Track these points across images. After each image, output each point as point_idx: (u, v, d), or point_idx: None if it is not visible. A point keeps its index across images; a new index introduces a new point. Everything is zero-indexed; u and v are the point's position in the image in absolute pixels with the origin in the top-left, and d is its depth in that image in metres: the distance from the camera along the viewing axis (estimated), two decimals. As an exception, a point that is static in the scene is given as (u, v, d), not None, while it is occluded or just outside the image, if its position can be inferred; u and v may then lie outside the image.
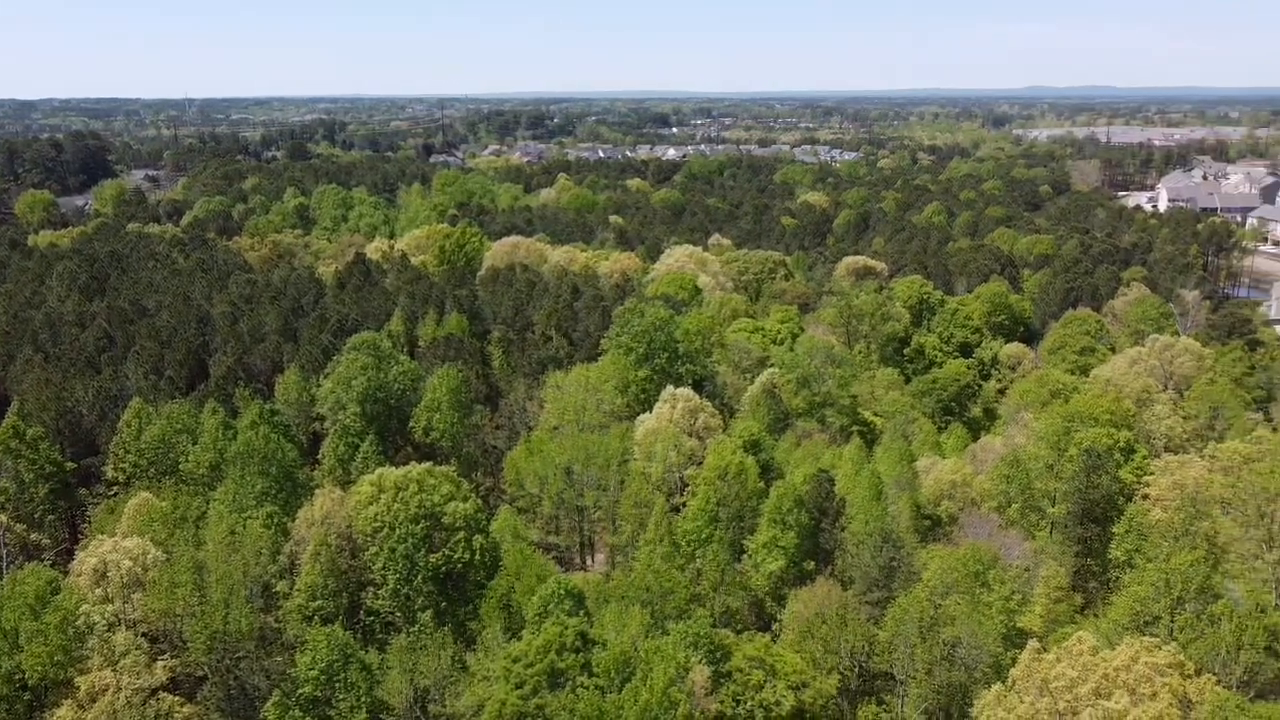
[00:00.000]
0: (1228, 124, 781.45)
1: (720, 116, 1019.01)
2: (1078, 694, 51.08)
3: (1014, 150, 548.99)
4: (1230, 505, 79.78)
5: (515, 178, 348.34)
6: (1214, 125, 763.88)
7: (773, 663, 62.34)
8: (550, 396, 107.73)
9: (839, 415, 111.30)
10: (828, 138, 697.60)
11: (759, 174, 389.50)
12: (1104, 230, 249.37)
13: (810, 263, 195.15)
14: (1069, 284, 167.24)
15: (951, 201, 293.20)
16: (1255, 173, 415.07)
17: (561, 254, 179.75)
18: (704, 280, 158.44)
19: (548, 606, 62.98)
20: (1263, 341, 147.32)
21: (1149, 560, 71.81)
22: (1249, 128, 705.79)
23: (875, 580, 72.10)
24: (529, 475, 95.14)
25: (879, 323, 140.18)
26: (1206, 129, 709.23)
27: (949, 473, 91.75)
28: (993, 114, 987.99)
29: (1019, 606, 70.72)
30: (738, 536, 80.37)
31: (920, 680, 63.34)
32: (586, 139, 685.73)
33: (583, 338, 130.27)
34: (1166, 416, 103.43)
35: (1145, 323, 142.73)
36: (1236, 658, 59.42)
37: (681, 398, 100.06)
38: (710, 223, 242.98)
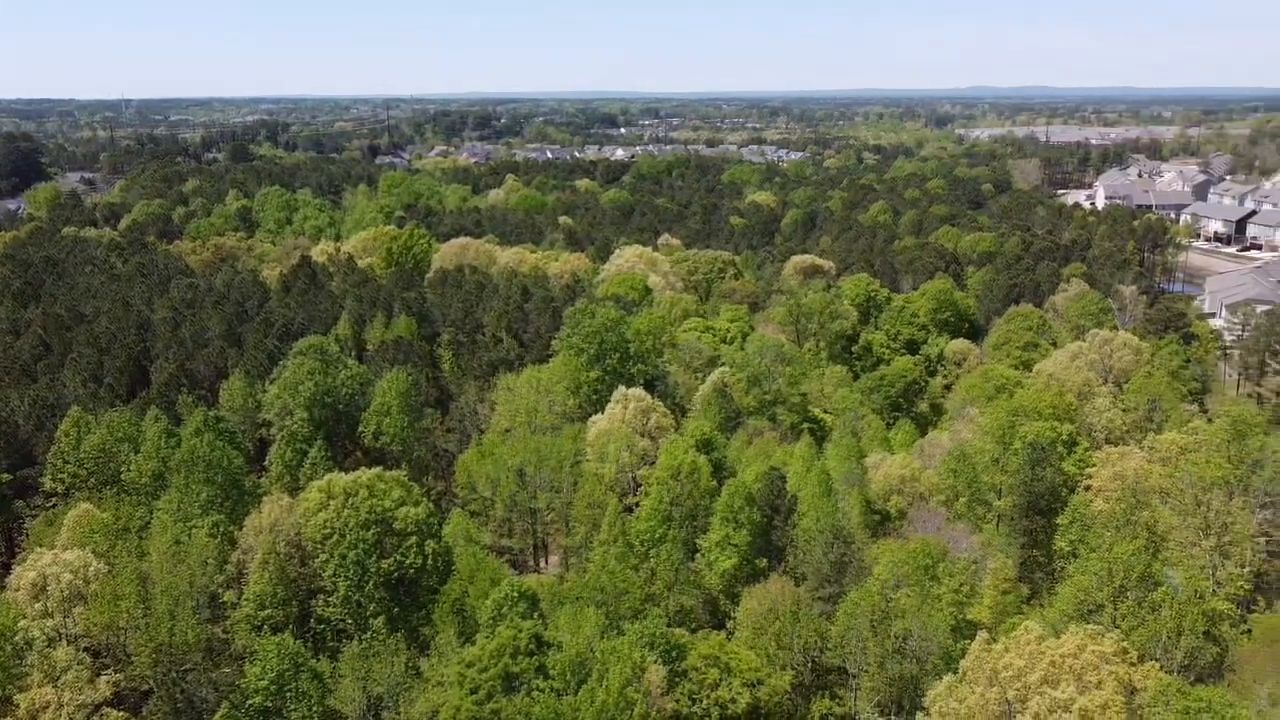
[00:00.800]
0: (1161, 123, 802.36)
1: (668, 117, 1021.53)
2: (1026, 683, 52.08)
3: (957, 149, 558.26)
4: (1168, 495, 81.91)
5: (463, 179, 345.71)
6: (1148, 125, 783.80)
7: (728, 660, 62.66)
8: (501, 398, 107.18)
9: (789, 413, 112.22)
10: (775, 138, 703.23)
11: (707, 174, 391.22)
12: (1044, 228, 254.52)
13: (759, 262, 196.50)
14: (1011, 280, 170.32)
15: (897, 200, 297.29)
16: (1187, 171, 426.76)
17: (511, 255, 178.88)
18: (654, 280, 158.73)
19: (501, 610, 62.66)
20: (1197, 335, 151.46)
21: (1092, 550, 73.41)
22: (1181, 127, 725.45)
23: (827, 576, 72.81)
24: (481, 478, 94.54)
25: (827, 321, 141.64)
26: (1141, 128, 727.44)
27: (898, 468, 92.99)
28: (936, 114, 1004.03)
29: (968, 598, 71.93)
30: (691, 535, 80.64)
31: (872, 673, 64.11)
32: (534, 140, 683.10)
33: (533, 339, 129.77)
34: (1107, 409, 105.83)
35: (1085, 318, 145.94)
36: (1177, 643, 61.04)
37: (633, 398, 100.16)
38: (659, 223, 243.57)
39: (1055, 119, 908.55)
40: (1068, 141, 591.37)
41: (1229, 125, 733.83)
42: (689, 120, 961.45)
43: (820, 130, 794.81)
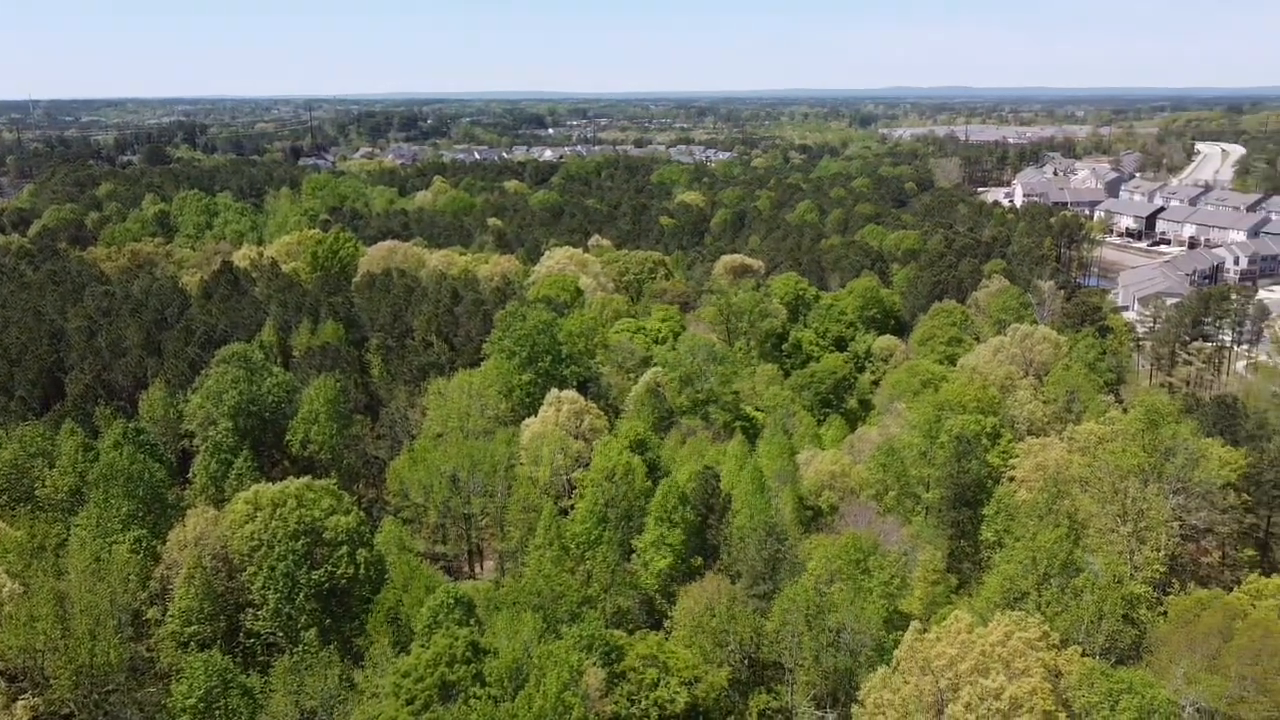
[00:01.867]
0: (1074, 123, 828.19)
1: (596, 117, 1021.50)
2: (958, 672, 53.24)
3: (880, 149, 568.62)
4: (1088, 483, 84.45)
5: (389, 181, 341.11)
6: (1062, 124, 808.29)
7: (665, 660, 62.87)
8: (432, 403, 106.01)
9: (722, 412, 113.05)
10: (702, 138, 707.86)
11: (636, 174, 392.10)
12: (966, 225, 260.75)
13: (689, 262, 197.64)
14: (935, 277, 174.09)
15: (823, 199, 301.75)
16: (1100, 169, 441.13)
17: (440, 258, 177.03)
18: (585, 281, 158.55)
19: (437, 618, 61.95)
20: (1111, 328, 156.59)
21: (1017, 539, 75.26)
22: (1093, 126, 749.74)
23: (761, 573, 73.51)
24: (413, 484, 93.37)
25: (757, 319, 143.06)
26: (1055, 127, 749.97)
27: (828, 464, 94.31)
28: (859, 113, 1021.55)
29: (899, 590, 73.22)
30: (627, 536, 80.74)
31: (808, 667, 64.91)
32: (462, 140, 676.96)
33: (464, 343, 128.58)
34: (1028, 402, 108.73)
35: (1006, 313, 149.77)
36: (1098, 627, 63.01)
37: (566, 400, 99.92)
38: (589, 224, 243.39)
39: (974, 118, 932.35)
40: (986, 140, 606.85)
41: (1138, 124, 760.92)
42: (617, 121, 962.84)
43: (747, 130, 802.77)
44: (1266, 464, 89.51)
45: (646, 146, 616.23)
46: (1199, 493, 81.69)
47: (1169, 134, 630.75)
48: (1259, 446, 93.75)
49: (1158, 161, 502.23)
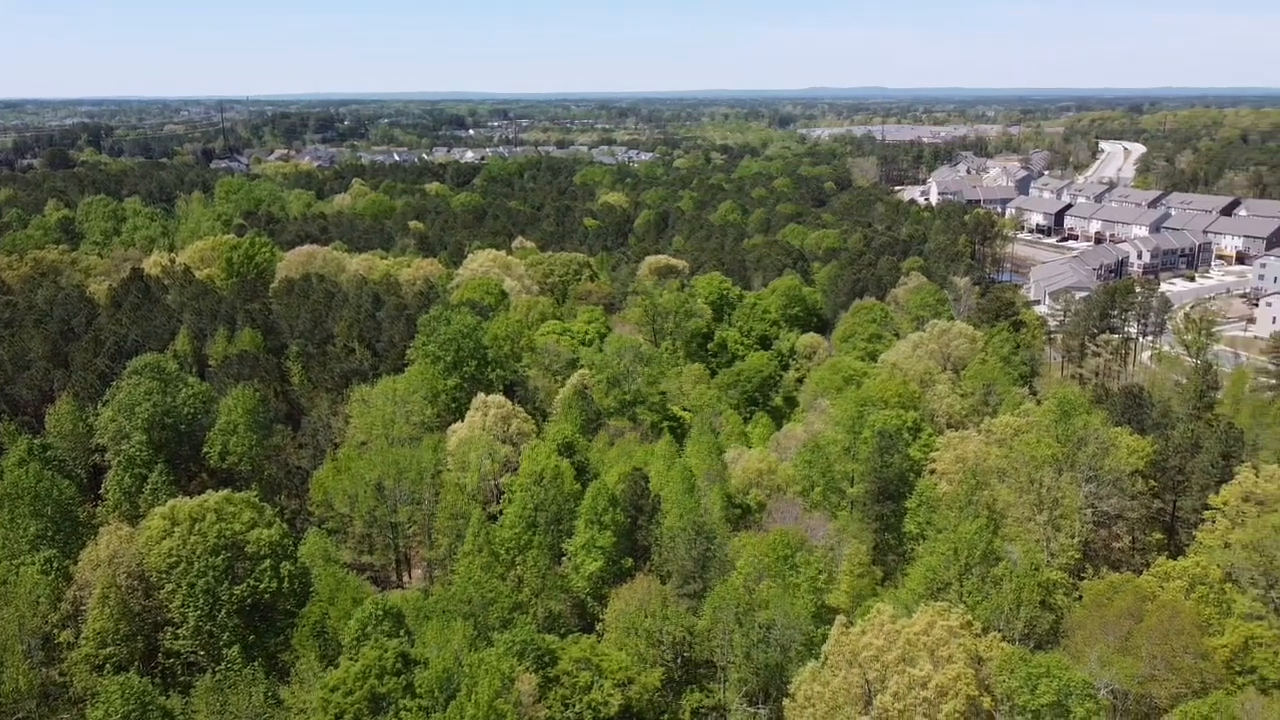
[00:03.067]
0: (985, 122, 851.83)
1: (517, 118, 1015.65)
2: (884, 662, 54.37)
3: (800, 149, 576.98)
4: (1005, 474, 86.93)
5: (306, 183, 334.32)
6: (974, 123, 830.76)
7: (598, 662, 62.89)
8: (356, 411, 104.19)
9: (649, 412, 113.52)
10: (624, 138, 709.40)
11: (559, 175, 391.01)
12: (884, 223, 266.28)
13: (614, 263, 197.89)
14: (855, 275, 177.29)
15: (745, 199, 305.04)
16: (1010, 167, 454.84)
17: (360, 262, 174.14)
18: (509, 284, 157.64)
19: (365, 629, 60.99)
20: (1025, 322, 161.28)
21: (938, 531, 77.15)
22: (1003, 125, 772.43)
23: (691, 572, 74.03)
24: (337, 494, 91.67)
25: (683, 319, 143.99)
26: (968, 127, 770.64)
27: (755, 462, 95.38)
28: (779, 114, 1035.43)
29: (826, 585, 74.47)
30: (557, 540, 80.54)
31: (740, 664, 65.56)
32: (380, 142, 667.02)
33: (387, 348, 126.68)
34: (947, 395, 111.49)
35: (924, 309, 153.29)
36: (1018, 614, 64.94)
37: (493, 404, 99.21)
38: (513, 226, 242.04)
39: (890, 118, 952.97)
40: (902, 140, 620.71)
41: (1046, 123, 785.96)
42: (538, 122, 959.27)
43: (669, 131, 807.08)
44: (1171, 451, 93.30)
45: (569, 147, 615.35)
46: (1109, 480, 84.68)
47: (1075, 133, 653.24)
48: (1164, 434, 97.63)
49: (1065, 160, 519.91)
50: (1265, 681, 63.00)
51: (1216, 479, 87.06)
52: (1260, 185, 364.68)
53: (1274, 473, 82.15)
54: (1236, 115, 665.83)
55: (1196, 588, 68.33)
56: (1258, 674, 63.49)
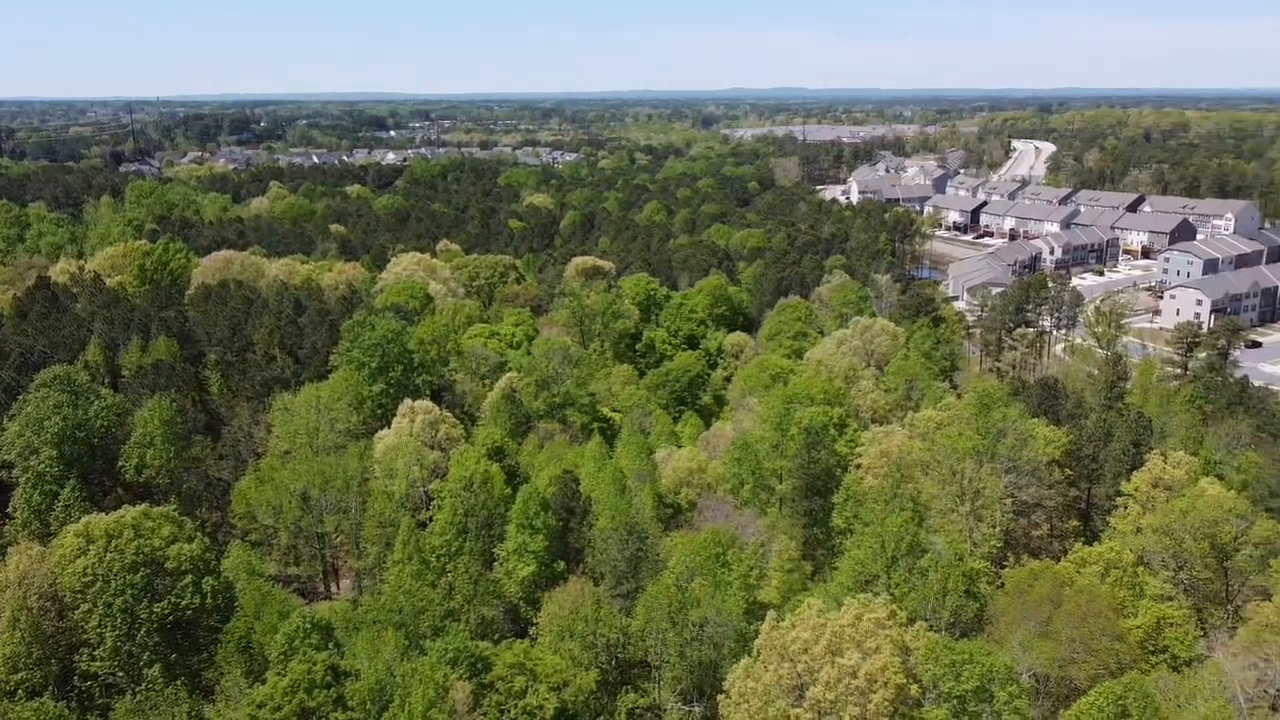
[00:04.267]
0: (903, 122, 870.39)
1: (439, 119, 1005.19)
2: (814, 655, 55.16)
3: (723, 149, 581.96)
4: (928, 467, 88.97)
5: (222, 187, 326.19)
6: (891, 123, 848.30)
7: (533, 667, 62.57)
8: (278, 419, 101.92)
9: (579, 414, 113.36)
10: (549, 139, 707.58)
11: (483, 177, 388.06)
12: (807, 222, 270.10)
13: (540, 265, 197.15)
14: (780, 274, 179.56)
15: (670, 199, 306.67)
16: (927, 166, 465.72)
17: (280, 267, 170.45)
18: (435, 287, 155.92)
19: (293, 643, 59.71)
20: (944, 317, 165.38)
21: (865, 525, 78.66)
22: (920, 125, 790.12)
23: (624, 573, 74.17)
24: (261, 505, 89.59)
25: (611, 320, 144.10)
26: (886, 127, 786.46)
27: (685, 461, 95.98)
28: (702, 114, 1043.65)
29: (757, 581, 75.30)
30: (488, 545, 79.91)
31: (674, 663, 65.91)
32: (298, 144, 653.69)
33: (310, 355, 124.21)
34: (871, 391, 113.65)
35: (847, 306, 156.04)
36: (943, 603, 66.51)
37: (420, 410, 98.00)
38: (437, 228, 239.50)
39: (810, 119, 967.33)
40: (823, 140, 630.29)
41: (960, 123, 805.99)
42: (461, 122, 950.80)
43: (593, 131, 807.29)
44: (1085, 440, 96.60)
45: (492, 148, 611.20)
46: (1028, 470, 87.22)
47: (988, 132, 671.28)
48: (1078, 424, 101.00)
49: (979, 158, 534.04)
50: (1176, 660, 65.67)
51: (1128, 466, 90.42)
52: (1162, 183, 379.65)
53: (1181, 459, 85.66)
54: (1139, 115, 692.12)
55: (1111, 572, 70.87)
56: (1169, 653, 66.15)
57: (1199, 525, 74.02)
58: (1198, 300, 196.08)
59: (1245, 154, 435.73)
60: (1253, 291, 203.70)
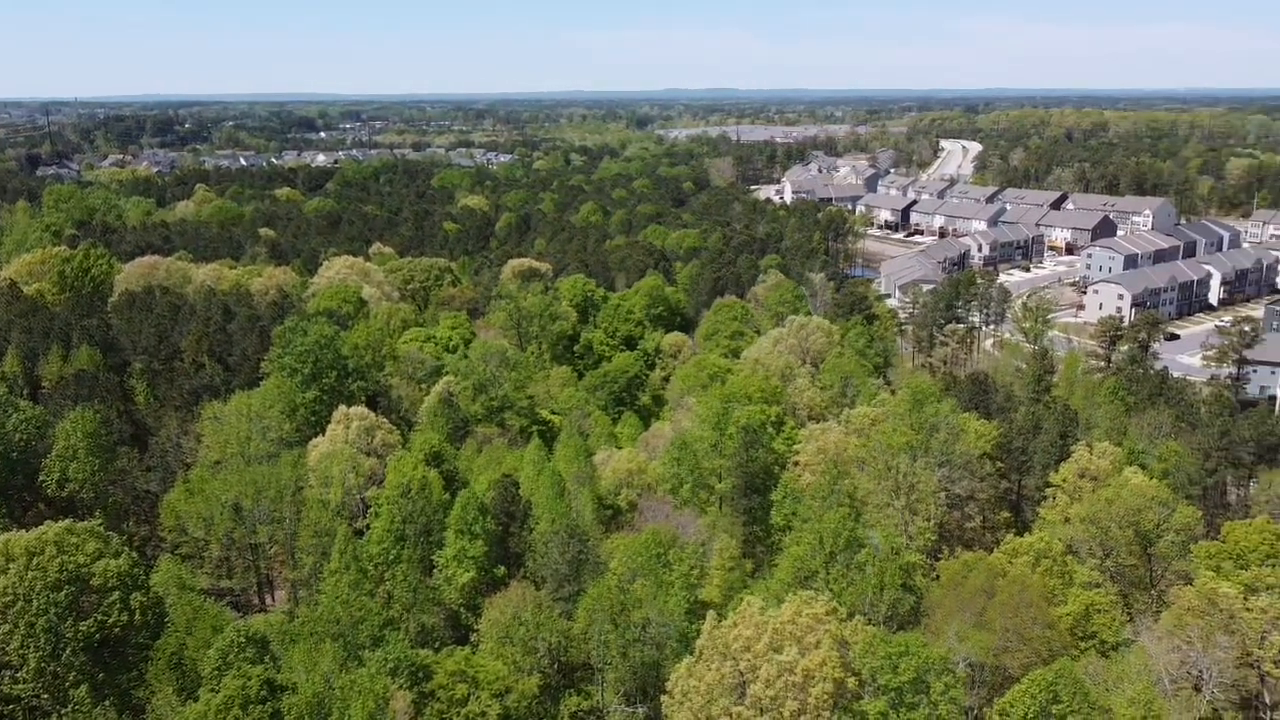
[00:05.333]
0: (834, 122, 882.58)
1: (370, 120, 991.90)
2: (755, 652, 55.63)
3: (658, 149, 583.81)
4: (864, 463, 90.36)
5: (145, 190, 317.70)
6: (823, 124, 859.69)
7: (474, 674, 62.02)
8: (208, 429, 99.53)
9: (517, 417, 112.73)
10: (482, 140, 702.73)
11: (416, 179, 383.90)
12: (742, 222, 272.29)
13: (476, 267, 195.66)
14: (716, 274, 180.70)
15: (606, 200, 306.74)
16: (859, 165, 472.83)
17: (207, 272, 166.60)
18: (368, 291, 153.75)
19: (227, 658, 58.31)
20: (877, 315, 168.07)
21: (804, 521, 79.55)
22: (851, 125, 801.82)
23: (565, 576, 73.93)
24: (191, 518, 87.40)
25: (548, 323, 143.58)
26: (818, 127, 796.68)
27: (625, 462, 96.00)
28: (636, 115, 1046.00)
29: (699, 580, 75.61)
30: (427, 552, 79.04)
31: (617, 665, 65.89)
32: (225, 145, 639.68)
33: (240, 362, 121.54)
34: (807, 389, 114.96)
35: (783, 305, 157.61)
36: (880, 597, 67.59)
37: (355, 416, 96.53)
38: (370, 231, 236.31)
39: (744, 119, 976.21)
40: (756, 140, 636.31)
41: (890, 123, 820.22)
42: (393, 123, 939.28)
43: (527, 132, 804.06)
44: (1014, 433, 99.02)
45: (425, 150, 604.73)
46: (960, 464, 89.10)
47: (917, 132, 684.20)
48: (1008, 418, 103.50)
49: (909, 158, 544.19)
50: (1104, 645, 67.64)
51: (1056, 458, 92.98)
52: (1084, 181, 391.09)
53: (1106, 449, 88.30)
54: (1061, 115, 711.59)
55: (1041, 561, 72.70)
56: (1098, 638, 68.10)
57: (1124, 514, 76.39)
58: (1119, 295, 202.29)
59: (1161, 153, 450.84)
60: (1170, 286, 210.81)
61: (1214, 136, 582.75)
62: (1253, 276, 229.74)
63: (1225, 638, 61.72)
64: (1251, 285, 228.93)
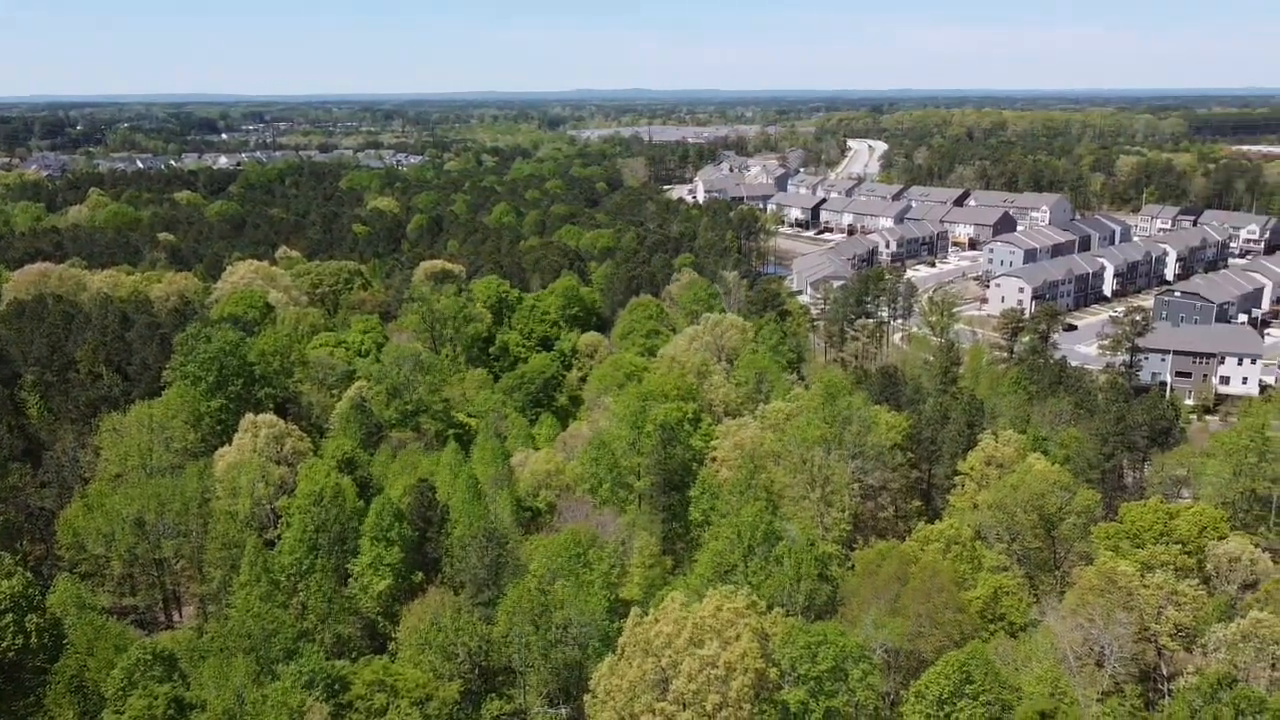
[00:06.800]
0: (745, 123, 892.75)
1: (274, 121, 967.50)
2: (676, 647, 55.87)
3: (571, 150, 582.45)
4: (780, 457, 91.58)
5: (34, 195, 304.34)
6: (734, 124, 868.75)
7: (393, 683, 60.98)
8: (107, 441, 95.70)
9: (433, 421, 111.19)
10: (392, 141, 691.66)
11: (324, 181, 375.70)
12: (655, 222, 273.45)
13: (387, 270, 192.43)
14: (631, 273, 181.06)
15: (519, 201, 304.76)
16: (770, 165, 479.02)
17: (104, 279, 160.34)
18: (275, 296, 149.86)
19: (132, 678, 56.17)
20: (790, 311, 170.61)
21: (722, 516, 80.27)
22: (761, 126, 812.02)
23: (484, 580, 73.17)
24: (90, 534, 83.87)
25: (462, 325, 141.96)
26: (729, 127, 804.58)
27: (543, 463, 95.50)
28: (548, 116, 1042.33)
29: (619, 579, 75.65)
30: (341, 561, 77.39)
31: (538, 667, 65.48)
32: (120, 148, 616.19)
33: (140, 371, 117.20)
34: (722, 386, 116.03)
35: (697, 303, 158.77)
36: (798, 588, 68.58)
37: (264, 424, 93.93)
38: (276, 234, 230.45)
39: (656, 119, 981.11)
40: (668, 140, 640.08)
41: (799, 123, 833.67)
42: (298, 125, 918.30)
43: (438, 133, 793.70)
44: (924, 423, 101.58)
45: (333, 151, 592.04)
46: (873, 455, 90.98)
47: (825, 132, 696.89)
48: (917, 409, 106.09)
49: (818, 157, 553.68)
50: (1013, 626, 69.83)
51: (963, 446, 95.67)
52: (985, 178, 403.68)
53: (1010, 437, 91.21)
54: (962, 115, 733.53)
55: (952, 547, 74.73)
56: (1006, 620, 70.26)
57: (1028, 498, 79.02)
58: (1020, 288, 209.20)
59: (1056, 151, 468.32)
60: (1068, 278, 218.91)
61: (1105, 135, 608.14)
62: (1143, 268, 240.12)
63: (1124, 614, 64.30)
64: (1142, 277, 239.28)
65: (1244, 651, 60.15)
